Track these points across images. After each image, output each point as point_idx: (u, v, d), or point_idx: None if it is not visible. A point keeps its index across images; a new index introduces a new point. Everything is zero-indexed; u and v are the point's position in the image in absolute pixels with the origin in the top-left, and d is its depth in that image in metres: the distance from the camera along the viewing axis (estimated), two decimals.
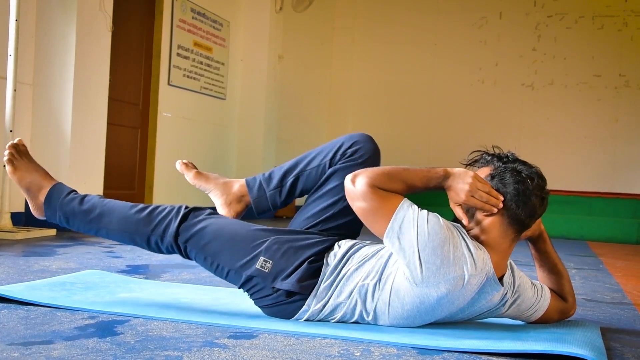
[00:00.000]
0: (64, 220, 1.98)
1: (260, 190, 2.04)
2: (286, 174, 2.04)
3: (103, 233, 1.97)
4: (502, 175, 1.80)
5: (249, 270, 1.84)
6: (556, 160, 8.38)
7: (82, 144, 4.56)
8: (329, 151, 2.02)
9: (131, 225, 1.93)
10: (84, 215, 1.96)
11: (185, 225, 1.90)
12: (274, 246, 1.85)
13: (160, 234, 1.90)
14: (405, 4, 9.10)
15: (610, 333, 2.09)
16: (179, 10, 6.08)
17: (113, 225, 1.94)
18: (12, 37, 4.00)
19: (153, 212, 1.94)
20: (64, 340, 1.58)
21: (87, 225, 1.97)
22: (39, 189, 2.01)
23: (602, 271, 3.93)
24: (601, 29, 8.40)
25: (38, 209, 2.02)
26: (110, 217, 1.95)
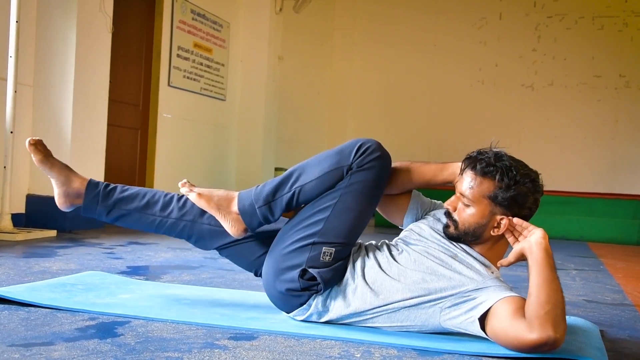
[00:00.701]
0: (266, 209, 1.91)
1: (94, 199, 2.03)
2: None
3: (306, 192, 1.89)
4: (516, 195, 1.77)
5: (319, 242, 1.84)
6: (556, 161, 8.38)
7: (82, 145, 4.56)
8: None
9: (329, 162, 1.88)
10: (282, 186, 1.91)
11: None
12: (342, 252, 1.86)
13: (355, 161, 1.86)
14: (404, 5, 9.11)
15: (611, 334, 2.09)
16: (179, 11, 6.08)
17: (315, 173, 1.89)
18: (12, 39, 4.00)
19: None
20: (65, 341, 1.58)
21: (289, 194, 1.90)
22: (228, 202, 1.96)
23: (603, 272, 3.93)
24: (601, 30, 8.41)
25: (235, 221, 1.94)
26: (308, 168, 1.90)
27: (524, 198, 1.78)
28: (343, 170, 1.86)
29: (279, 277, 1.86)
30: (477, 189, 1.79)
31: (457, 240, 1.86)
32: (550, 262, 1.66)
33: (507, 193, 1.77)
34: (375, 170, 1.86)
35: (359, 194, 1.85)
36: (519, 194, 1.77)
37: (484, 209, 1.79)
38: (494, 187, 1.78)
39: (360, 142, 1.87)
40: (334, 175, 1.86)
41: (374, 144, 1.87)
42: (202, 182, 6.54)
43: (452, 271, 1.78)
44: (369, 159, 1.85)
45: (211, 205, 1.94)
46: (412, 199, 2.03)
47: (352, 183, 1.85)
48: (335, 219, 1.85)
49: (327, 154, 1.91)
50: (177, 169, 6.13)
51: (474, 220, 1.81)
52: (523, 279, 3.30)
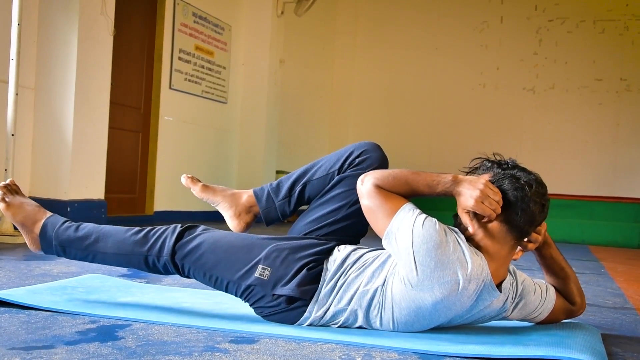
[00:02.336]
0: (60, 250, 1.99)
1: (269, 200, 2.04)
2: (295, 183, 2.04)
3: (99, 258, 1.98)
4: (500, 181, 1.79)
5: (249, 279, 1.84)
6: (557, 164, 8.38)
7: (83, 147, 4.56)
8: (338, 160, 2.01)
9: (127, 247, 1.94)
10: (79, 242, 1.97)
11: (181, 242, 1.91)
12: (272, 254, 1.85)
13: (156, 253, 1.91)
14: (406, 8, 9.12)
15: (612, 338, 2.08)
16: (181, 14, 6.09)
17: (109, 249, 1.95)
18: (14, 41, 4.01)
19: (149, 233, 1.95)
20: (65, 344, 1.58)
21: (84, 252, 1.97)
22: (33, 222, 2.03)
23: (604, 276, 3.92)
24: (602, 33, 8.41)
25: (34, 243, 2.03)
26: (105, 241, 1.95)
27: (512, 186, 1.77)
28: (140, 258, 1.94)
29: (266, 315, 1.89)
30: None
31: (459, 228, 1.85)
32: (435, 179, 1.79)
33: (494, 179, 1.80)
34: (182, 250, 1.91)
35: (200, 258, 1.90)
36: (507, 180, 1.78)
37: None
38: (488, 177, 1.82)
39: (352, 148, 2.01)
40: (129, 259, 1.95)
41: (368, 146, 2.00)
42: None
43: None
44: (168, 251, 1.91)
45: (16, 219, 2.05)
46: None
47: (190, 266, 1.91)
48: (224, 274, 1.88)
49: (126, 235, 1.97)
50: (178, 172, 6.10)
51: None
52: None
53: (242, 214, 2.05)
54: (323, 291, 1.83)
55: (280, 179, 2.10)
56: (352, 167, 1.99)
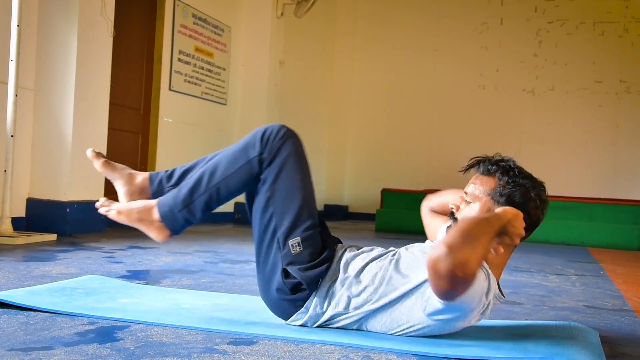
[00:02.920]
0: (187, 213, 1.91)
1: (160, 185, 2.03)
2: (187, 171, 2.00)
3: (223, 190, 1.91)
4: (512, 194, 1.79)
5: (283, 236, 1.84)
6: (557, 166, 8.38)
7: (83, 148, 4.56)
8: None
9: (240, 157, 1.90)
10: (197, 187, 1.91)
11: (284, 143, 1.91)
12: (310, 238, 1.86)
13: (265, 151, 1.89)
14: (406, 9, 9.12)
15: (611, 340, 2.08)
16: (180, 15, 6.09)
17: (227, 170, 1.90)
18: (13, 42, 4.01)
19: (254, 135, 1.92)
20: (64, 346, 1.58)
21: (206, 193, 1.90)
22: (148, 212, 1.95)
23: (603, 277, 3.92)
24: (602, 35, 8.41)
25: (159, 231, 1.95)
26: (217, 168, 1.91)
27: (522, 198, 1.78)
28: (254, 161, 1.88)
29: (269, 286, 1.88)
30: (479, 187, 1.84)
31: None
32: (490, 220, 1.65)
33: (505, 190, 1.79)
34: (288, 149, 1.89)
35: (287, 176, 1.88)
36: (517, 192, 1.78)
37: (483, 205, 1.82)
38: (494, 184, 1.81)
39: (262, 130, 1.92)
40: (247, 169, 1.89)
41: (275, 127, 1.92)
42: None
43: None
44: (277, 142, 1.89)
45: (132, 218, 1.95)
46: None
47: (274, 171, 1.88)
48: (281, 209, 1.86)
49: (235, 148, 1.93)
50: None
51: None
52: (523, 284, 3.30)
53: (134, 194, 2.03)
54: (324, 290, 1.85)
55: (174, 168, 2.07)
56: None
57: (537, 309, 2.62)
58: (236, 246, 4.43)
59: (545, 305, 2.73)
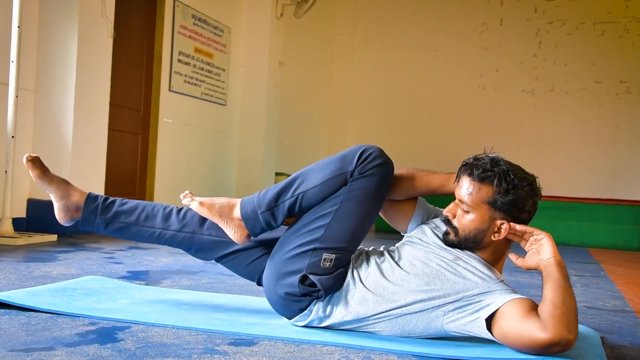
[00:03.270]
0: (269, 215, 1.91)
1: (93, 213, 2.02)
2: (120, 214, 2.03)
3: (307, 199, 1.89)
4: (513, 202, 1.79)
5: (320, 247, 1.84)
6: (557, 167, 8.38)
7: (83, 149, 4.57)
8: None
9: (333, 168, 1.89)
10: (285, 192, 1.91)
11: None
12: (343, 259, 1.86)
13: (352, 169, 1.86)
14: (405, 10, 9.12)
15: (612, 341, 2.08)
16: (180, 16, 6.10)
17: (317, 179, 1.89)
18: (14, 44, 4.02)
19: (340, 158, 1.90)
20: (65, 346, 1.58)
21: (291, 199, 1.90)
22: (230, 209, 1.95)
23: (603, 278, 3.92)
24: (602, 35, 8.42)
25: (237, 229, 1.94)
26: (311, 174, 1.90)
27: (523, 202, 1.79)
28: (346, 176, 1.86)
29: (279, 282, 1.86)
30: (476, 195, 1.80)
31: (458, 247, 1.86)
32: (564, 274, 1.69)
33: (506, 197, 1.78)
34: (377, 177, 1.86)
35: (361, 201, 1.86)
36: (518, 197, 1.78)
37: (484, 215, 1.80)
38: (492, 192, 1.79)
39: (362, 149, 1.87)
40: (337, 182, 1.86)
41: (376, 151, 1.87)
42: (203, 187, 6.54)
43: (456, 275, 1.78)
44: (370, 165, 1.85)
45: (213, 212, 1.95)
46: (417, 206, 2.02)
47: (353, 189, 1.85)
48: (336, 225, 1.85)
49: (330, 160, 1.91)
50: (177, 174, 6.14)
51: (474, 226, 1.81)
52: (524, 284, 3.30)
53: (69, 210, 2.03)
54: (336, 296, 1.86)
55: (115, 199, 2.06)
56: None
57: None
58: None
59: None
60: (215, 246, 2.02)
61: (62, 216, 2.05)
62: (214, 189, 6.74)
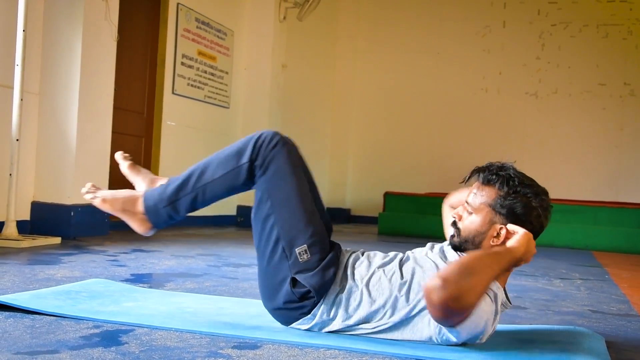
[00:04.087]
0: (170, 209, 1.92)
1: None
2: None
3: (209, 191, 1.91)
4: (513, 204, 1.77)
5: (291, 251, 1.84)
6: (560, 169, 8.37)
7: (87, 152, 4.58)
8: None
9: (230, 160, 1.89)
10: (185, 185, 1.92)
11: (275, 151, 1.87)
12: (317, 244, 1.85)
13: (253, 158, 1.88)
14: (408, 13, 9.13)
15: (617, 345, 2.08)
16: (184, 19, 6.11)
17: (217, 172, 1.90)
18: (19, 47, 4.03)
19: (248, 140, 1.91)
20: (69, 349, 1.58)
21: (192, 193, 1.91)
22: (133, 203, 1.96)
23: (608, 282, 3.91)
24: (606, 38, 8.41)
25: (141, 223, 1.96)
26: (209, 168, 1.92)
27: (524, 209, 1.77)
28: (243, 168, 1.88)
29: (275, 297, 1.88)
30: (479, 197, 1.82)
31: (459, 249, 1.86)
32: (500, 255, 1.65)
33: (506, 201, 1.78)
34: (282, 155, 1.87)
35: (284, 182, 1.87)
36: (519, 203, 1.77)
37: (485, 217, 1.80)
38: (495, 195, 1.80)
39: (255, 137, 1.90)
40: (235, 174, 1.89)
41: (268, 135, 1.89)
42: None
43: None
44: (269, 150, 1.87)
45: (116, 207, 1.96)
46: None
47: (269, 178, 1.87)
48: (282, 217, 1.85)
49: (227, 152, 1.93)
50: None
51: (474, 228, 1.81)
52: (528, 288, 3.29)
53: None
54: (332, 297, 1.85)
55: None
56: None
57: (541, 314, 2.62)
58: (239, 249, 4.44)
59: (549, 310, 2.72)
60: None
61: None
62: None
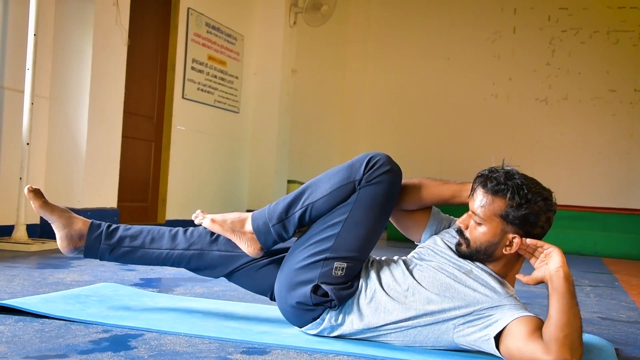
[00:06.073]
0: (280, 227, 1.92)
1: (97, 240, 2.02)
2: (124, 239, 2.02)
3: (317, 208, 1.90)
4: (527, 215, 1.76)
5: (331, 256, 1.84)
6: (570, 176, 8.33)
7: (97, 156, 4.59)
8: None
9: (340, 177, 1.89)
10: (295, 203, 1.92)
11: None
12: (354, 269, 1.87)
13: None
14: (418, 19, 9.13)
15: (626, 353, 2.06)
16: (194, 24, 6.13)
17: (326, 189, 1.90)
18: (30, 51, 4.05)
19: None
20: (79, 354, 1.59)
21: (301, 210, 1.91)
22: (241, 224, 1.98)
23: (617, 289, 3.89)
24: (616, 44, 8.38)
25: (250, 242, 1.96)
26: (320, 184, 1.91)
27: (535, 217, 1.77)
28: (354, 184, 1.87)
29: (291, 292, 1.87)
30: (488, 208, 1.79)
31: (470, 259, 1.85)
32: (571, 289, 1.65)
33: (519, 212, 1.76)
34: (385, 184, 1.86)
35: (369, 208, 1.86)
36: (531, 212, 1.76)
37: (496, 228, 1.79)
38: (505, 205, 1.77)
39: (369, 156, 1.88)
40: (345, 190, 1.87)
41: (383, 158, 1.88)
42: (215, 194, 6.56)
43: (467, 288, 1.77)
44: (378, 172, 1.85)
45: (225, 228, 1.96)
46: (431, 216, 2.02)
47: (361, 197, 1.86)
48: (346, 234, 1.85)
49: (338, 169, 1.92)
50: (190, 181, 6.16)
51: (486, 239, 1.80)
52: (537, 294, 3.28)
53: (72, 239, 2.02)
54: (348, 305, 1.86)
55: (119, 226, 2.06)
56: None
57: None
58: None
59: None
60: (224, 261, 2.02)
61: (64, 245, 2.02)
62: (226, 196, 6.76)
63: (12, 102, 4.19)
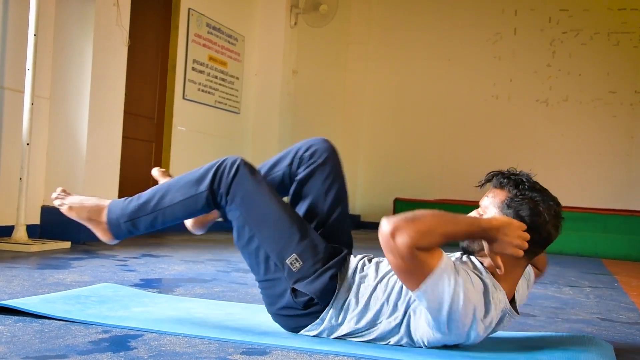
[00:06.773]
0: (130, 226, 1.96)
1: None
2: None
3: (169, 215, 1.95)
4: (518, 206, 1.75)
5: (279, 260, 1.85)
6: (571, 177, 8.33)
7: (97, 157, 4.60)
8: (285, 160, 2.04)
9: (190, 188, 1.93)
10: (146, 206, 1.95)
11: (239, 178, 1.91)
12: (308, 250, 1.86)
13: (215, 188, 1.91)
14: (419, 20, 9.13)
15: (626, 354, 2.06)
16: (195, 25, 6.14)
17: (176, 198, 1.93)
18: (30, 52, 4.06)
19: (209, 168, 1.97)
20: (78, 354, 1.59)
21: (152, 215, 1.95)
22: (98, 213, 2.01)
23: (617, 290, 3.89)
24: (617, 46, 8.37)
25: (104, 233, 2.02)
26: (170, 193, 1.95)
27: (530, 212, 1.74)
28: (202, 195, 1.91)
29: (277, 307, 1.89)
30: (490, 200, 1.82)
31: (467, 251, 1.85)
32: (475, 223, 1.67)
33: (513, 202, 1.76)
34: (245, 179, 1.90)
35: (255, 203, 1.89)
36: (525, 206, 1.74)
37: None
38: (504, 197, 1.79)
39: (216, 165, 1.94)
40: (194, 201, 1.93)
41: (229, 161, 1.94)
42: None
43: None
44: (231, 178, 1.90)
45: (82, 216, 2.02)
46: None
47: (239, 205, 1.89)
48: (265, 234, 1.87)
49: (188, 178, 1.96)
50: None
51: None
52: (537, 295, 3.28)
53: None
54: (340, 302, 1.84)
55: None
56: (305, 163, 2.01)
57: (550, 321, 2.61)
58: None
59: (558, 318, 2.71)
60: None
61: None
62: None
63: (12, 102, 4.20)
